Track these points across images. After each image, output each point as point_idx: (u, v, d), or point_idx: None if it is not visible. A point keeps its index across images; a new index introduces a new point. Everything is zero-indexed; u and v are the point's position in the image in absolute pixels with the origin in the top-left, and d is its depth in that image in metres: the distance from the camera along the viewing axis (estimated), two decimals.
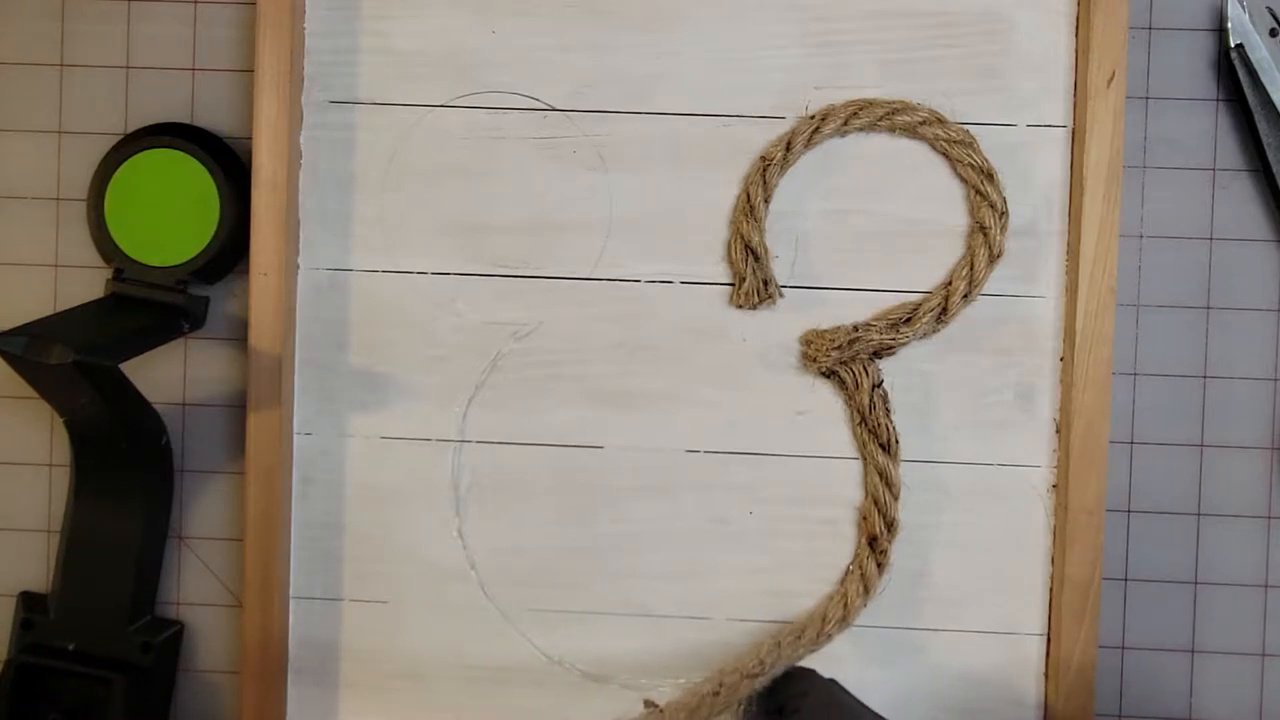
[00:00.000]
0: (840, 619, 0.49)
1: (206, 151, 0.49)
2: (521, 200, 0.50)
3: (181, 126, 0.51)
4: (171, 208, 0.50)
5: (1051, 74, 0.49)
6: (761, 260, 0.49)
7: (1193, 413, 0.50)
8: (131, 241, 0.49)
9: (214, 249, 0.49)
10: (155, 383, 0.50)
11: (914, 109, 0.49)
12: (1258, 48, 0.49)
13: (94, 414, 0.47)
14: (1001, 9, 0.50)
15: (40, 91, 0.52)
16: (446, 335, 0.50)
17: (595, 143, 0.50)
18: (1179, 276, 0.50)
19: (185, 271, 0.49)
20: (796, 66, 0.50)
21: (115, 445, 0.48)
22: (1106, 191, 0.48)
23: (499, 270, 0.50)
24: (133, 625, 0.49)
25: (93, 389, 0.46)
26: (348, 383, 0.50)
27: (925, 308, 0.49)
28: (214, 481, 0.51)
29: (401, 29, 0.50)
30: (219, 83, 0.51)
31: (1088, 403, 0.48)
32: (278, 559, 0.49)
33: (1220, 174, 0.50)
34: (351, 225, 0.50)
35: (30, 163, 0.52)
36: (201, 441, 0.51)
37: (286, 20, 0.49)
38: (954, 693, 0.49)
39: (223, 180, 0.49)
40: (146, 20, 0.52)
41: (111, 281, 0.50)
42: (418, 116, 0.50)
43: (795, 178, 0.50)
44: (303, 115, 0.50)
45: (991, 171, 0.49)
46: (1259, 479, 0.50)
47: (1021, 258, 0.50)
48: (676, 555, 0.50)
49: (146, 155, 0.50)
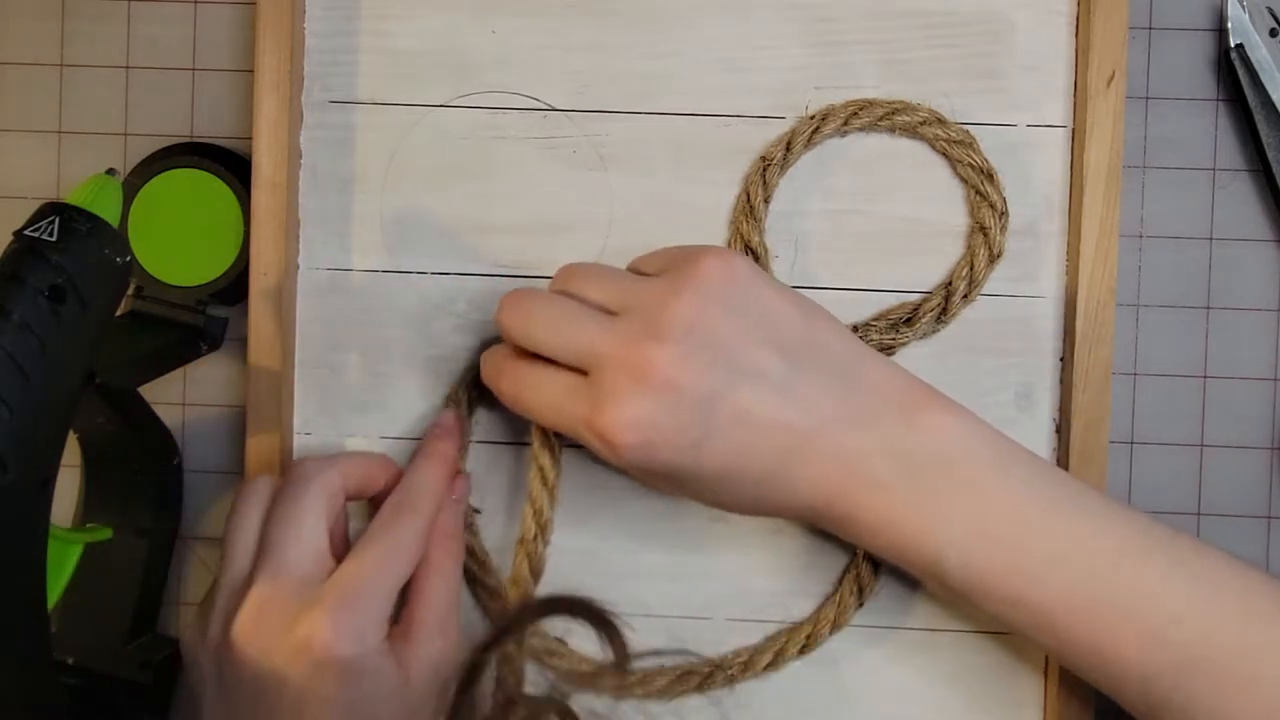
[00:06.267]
0: (833, 620, 0.49)
1: (234, 174, 0.49)
2: (521, 200, 0.50)
3: (210, 147, 0.51)
4: (195, 228, 0.49)
5: (1051, 74, 0.49)
6: (761, 260, 0.49)
7: (1193, 413, 0.50)
8: (153, 260, 0.49)
9: (236, 271, 0.49)
10: (155, 382, 0.50)
11: (914, 109, 0.49)
12: (1258, 48, 0.49)
13: (108, 433, 0.47)
14: (1001, 9, 0.50)
15: (40, 91, 0.52)
16: (446, 335, 0.50)
17: (595, 143, 0.50)
18: (1179, 276, 0.51)
19: (206, 293, 0.49)
20: (796, 66, 0.50)
21: (127, 465, 0.49)
22: (1106, 191, 0.48)
23: (499, 270, 0.50)
24: (133, 642, 0.49)
25: (110, 410, 0.46)
26: (348, 383, 0.50)
27: (925, 308, 0.49)
28: (214, 481, 0.51)
29: (401, 29, 0.50)
30: (219, 83, 0.52)
31: (1088, 403, 0.48)
32: None
33: (1220, 174, 0.50)
34: (351, 225, 0.50)
35: (30, 163, 0.52)
36: (201, 441, 0.51)
37: (286, 20, 0.49)
38: (954, 693, 0.49)
39: (248, 204, 0.49)
40: (146, 20, 0.52)
41: (131, 299, 0.49)
42: (418, 116, 0.50)
43: (795, 178, 0.50)
44: (303, 115, 0.50)
45: (991, 171, 0.49)
46: (1259, 479, 0.50)
47: (1021, 258, 0.50)
48: (676, 555, 0.50)
49: (173, 174, 0.49)
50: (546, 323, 0.43)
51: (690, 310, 0.41)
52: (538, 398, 0.43)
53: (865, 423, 0.42)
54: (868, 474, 0.41)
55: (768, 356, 0.41)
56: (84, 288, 0.39)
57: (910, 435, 0.42)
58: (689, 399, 0.41)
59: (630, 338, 0.41)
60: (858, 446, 0.41)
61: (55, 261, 0.39)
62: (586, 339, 0.42)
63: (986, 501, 0.41)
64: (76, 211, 0.40)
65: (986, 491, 0.41)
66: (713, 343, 0.41)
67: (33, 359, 0.38)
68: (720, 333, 0.41)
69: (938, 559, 0.42)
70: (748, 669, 0.49)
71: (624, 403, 0.40)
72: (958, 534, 0.41)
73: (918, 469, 0.41)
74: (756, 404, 0.41)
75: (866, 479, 0.41)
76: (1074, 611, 0.41)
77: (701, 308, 0.41)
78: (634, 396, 0.40)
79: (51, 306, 0.38)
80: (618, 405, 0.40)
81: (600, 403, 0.41)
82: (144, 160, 0.50)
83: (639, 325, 0.41)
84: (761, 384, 0.41)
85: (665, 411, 0.40)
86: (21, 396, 0.38)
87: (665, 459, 0.41)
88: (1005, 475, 0.42)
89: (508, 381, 0.45)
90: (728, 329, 0.41)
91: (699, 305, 0.41)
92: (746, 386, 0.41)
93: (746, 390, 0.41)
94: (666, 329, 0.41)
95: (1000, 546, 0.41)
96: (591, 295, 0.43)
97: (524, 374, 0.44)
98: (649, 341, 0.41)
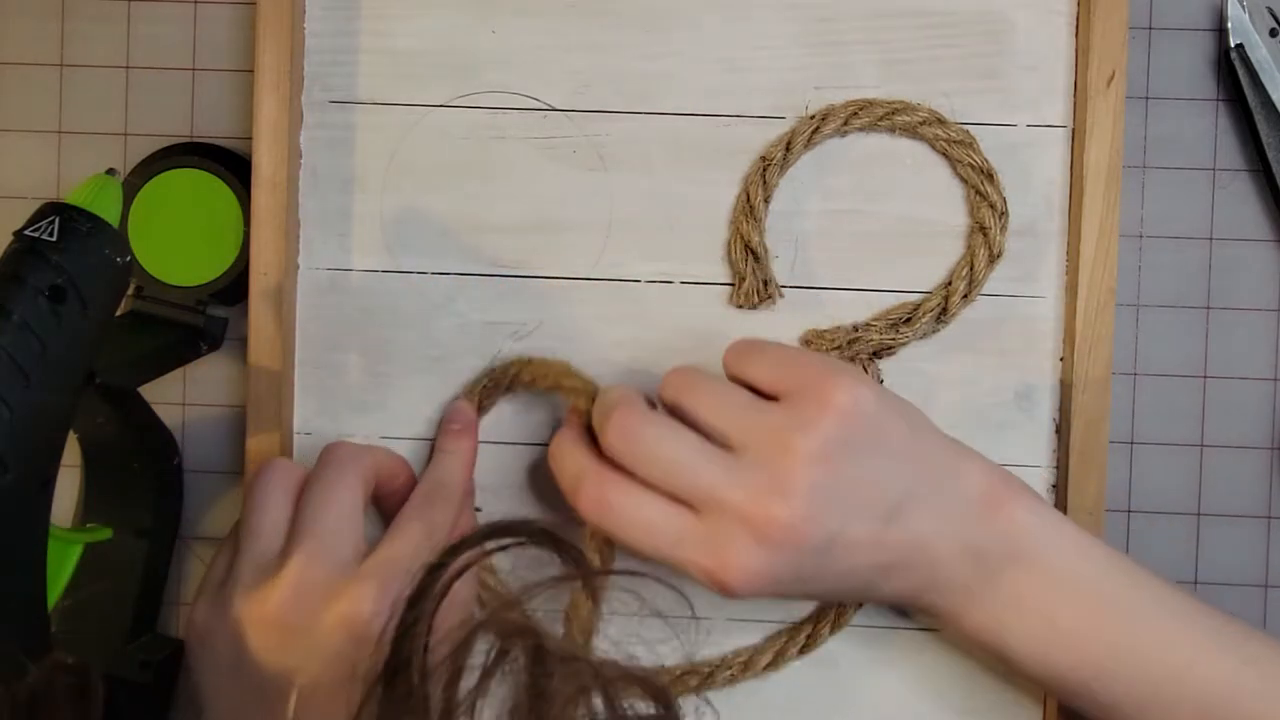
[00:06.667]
0: (833, 620, 0.49)
1: (234, 174, 0.49)
2: (521, 200, 0.50)
3: (210, 147, 0.51)
4: (195, 228, 0.49)
5: (1051, 74, 0.49)
6: (761, 260, 0.49)
7: (1193, 413, 0.50)
8: (153, 260, 0.49)
9: (236, 271, 0.49)
10: (155, 382, 0.50)
11: (914, 109, 0.49)
12: (1258, 48, 0.49)
13: (109, 433, 0.47)
14: (1001, 9, 0.50)
15: (40, 91, 0.52)
16: (446, 335, 0.50)
17: (595, 143, 0.50)
18: (1179, 276, 0.51)
19: (206, 293, 0.49)
20: (796, 66, 0.50)
21: (127, 465, 0.49)
22: (1106, 191, 0.48)
23: (499, 270, 0.50)
24: (133, 643, 0.49)
25: (110, 409, 0.46)
26: (348, 383, 0.50)
27: (925, 308, 0.49)
28: (214, 481, 0.51)
29: (401, 29, 0.50)
30: (219, 83, 0.51)
31: (1088, 403, 0.48)
32: None
33: (1220, 174, 0.50)
34: (351, 225, 0.50)
35: (30, 163, 0.52)
36: (201, 441, 0.51)
37: (286, 20, 0.49)
38: (954, 693, 0.49)
39: (248, 204, 0.49)
40: (146, 20, 0.52)
41: (131, 299, 0.49)
42: (418, 116, 0.50)
43: (795, 178, 0.50)
44: (303, 115, 0.50)
45: (991, 171, 0.49)
46: (1259, 479, 0.50)
47: (1021, 258, 0.50)
48: None
49: (173, 174, 0.49)
50: (662, 461, 0.42)
51: (816, 459, 0.41)
52: (634, 526, 0.42)
53: (951, 529, 0.42)
54: (946, 576, 0.43)
55: (884, 493, 0.42)
56: (84, 288, 0.39)
57: (988, 535, 0.42)
58: (809, 550, 0.41)
59: (753, 490, 0.41)
60: (942, 552, 0.42)
61: (55, 261, 0.39)
62: (706, 483, 0.41)
63: (1059, 597, 0.42)
64: (76, 211, 0.40)
65: (1059, 586, 0.42)
66: (837, 491, 0.41)
67: (33, 359, 0.38)
68: (845, 480, 0.41)
69: (1006, 650, 0.43)
70: (748, 669, 0.49)
71: (746, 557, 0.40)
72: (1029, 628, 0.42)
73: (992, 568, 0.42)
74: (866, 537, 0.42)
75: (944, 580, 0.43)
76: (1143, 709, 0.42)
77: (828, 461, 0.41)
78: (757, 552, 0.41)
79: (52, 306, 0.38)
80: (739, 559, 0.40)
81: (720, 554, 0.41)
82: (144, 160, 0.50)
83: (763, 477, 0.41)
84: (873, 518, 0.42)
85: (786, 565, 0.41)
86: (21, 396, 0.38)
87: (778, 592, 0.42)
88: (1079, 570, 0.43)
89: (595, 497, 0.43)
90: (853, 474, 0.41)
91: (825, 457, 0.41)
92: (859, 523, 0.42)
93: (858, 526, 0.42)
94: (791, 485, 0.41)
95: (1072, 640, 0.42)
96: (706, 419, 0.43)
97: (622, 497, 0.42)
98: (773, 497, 0.40)
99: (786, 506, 0.40)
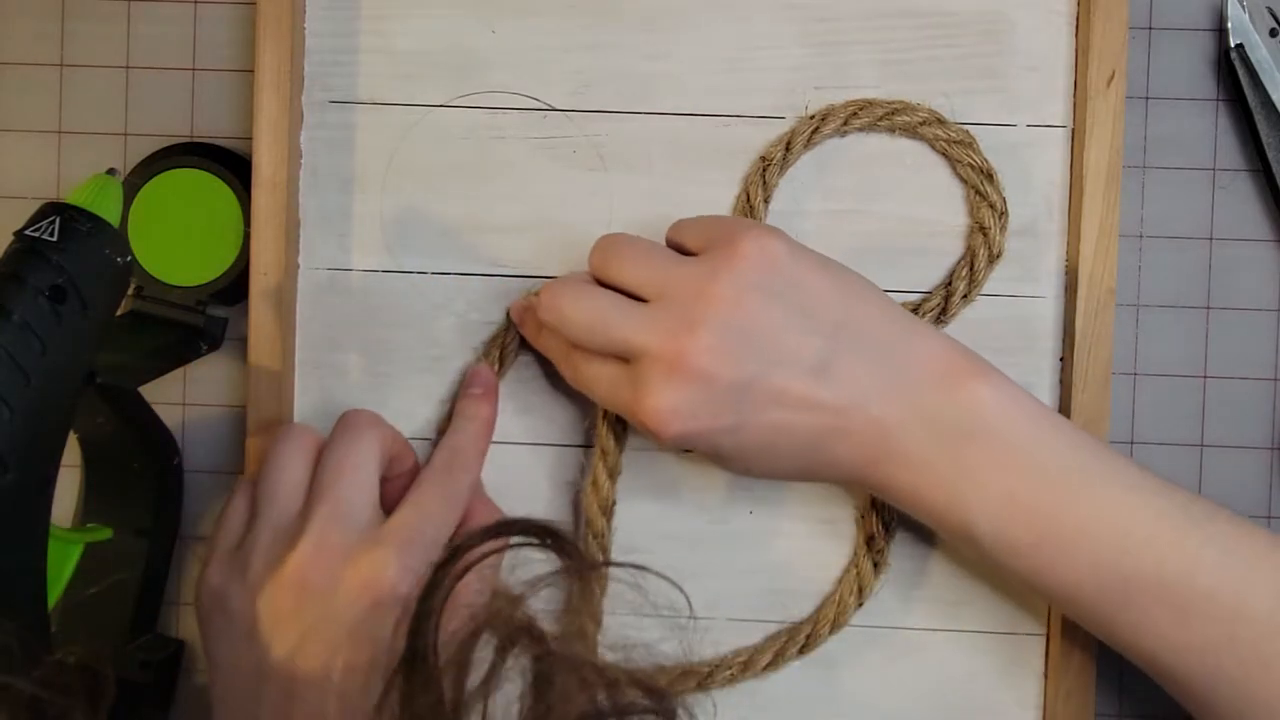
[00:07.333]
0: (833, 620, 0.49)
1: (234, 174, 0.49)
2: (521, 200, 0.50)
3: (210, 147, 0.51)
4: (195, 228, 0.49)
5: (1051, 74, 0.49)
6: None
7: (1193, 413, 0.50)
8: (153, 260, 0.49)
9: (237, 271, 0.49)
10: (155, 382, 0.50)
11: (914, 109, 0.49)
12: (1258, 48, 0.49)
13: (109, 433, 0.47)
14: (1001, 9, 0.50)
15: (40, 91, 0.52)
16: (446, 335, 0.50)
17: (595, 143, 0.50)
18: (1179, 276, 0.51)
19: (206, 293, 0.49)
20: (796, 66, 0.50)
21: (127, 465, 0.49)
22: (1106, 191, 0.48)
23: (499, 270, 0.50)
24: (133, 642, 0.49)
25: (110, 409, 0.46)
26: (348, 383, 0.50)
27: (925, 308, 0.49)
28: (214, 481, 0.51)
29: (401, 29, 0.50)
30: (219, 83, 0.52)
31: (1088, 403, 0.48)
32: None
33: (1220, 174, 0.50)
34: (351, 225, 0.50)
35: (30, 163, 0.52)
36: (201, 441, 0.51)
37: (286, 20, 0.49)
38: (954, 693, 0.49)
39: (248, 204, 0.49)
40: (146, 20, 0.52)
41: (131, 299, 0.49)
42: (417, 116, 0.50)
43: (795, 178, 0.50)
44: (303, 115, 0.50)
45: (991, 171, 0.49)
46: (1259, 479, 0.50)
47: (1021, 258, 0.50)
48: (676, 555, 0.50)
49: (173, 174, 0.49)
50: (583, 321, 0.44)
51: (725, 299, 0.42)
52: (591, 382, 0.45)
53: (899, 396, 0.42)
54: (900, 446, 0.42)
55: (804, 341, 0.42)
56: (84, 288, 0.39)
57: (945, 407, 0.42)
58: (723, 386, 0.42)
59: (666, 329, 0.42)
60: (891, 419, 0.42)
61: (56, 261, 0.39)
62: (622, 335, 0.43)
63: (1019, 472, 0.42)
64: (77, 211, 0.40)
65: (1020, 462, 0.42)
66: (748, 331, 0.42)
67: (33, 359, 0.38)
68: (756, 321, 0.42)
69: (968, 527, 0.42)
70: (748, 669, 0.49)
71: (661, 392, 0.42)
72: (989, 504, 0.42)
73: (950, 440, 0.42)
74: (791, 387, 0.42)
75: (898, 451, 0.42)
76: (1103, 585, 0.41)
77: (737, 297, 0.42)
78: (670, 386, 0.42)
79: (52, 306, 0.38)
80: (656, 395, 0.42)
81: (640, 392, 0.43)
82: (144, 160, 0.50)
83: (675, 316, 0.42)
84: (796, 367, 0.42)
85: (701, 399, 0.42)
86: (21, 396, 0.38)
87: (705, 441, 0.43)
88: (1040, 446, 0.42)
89: (568, 368, 0.46)
90: (763, 317, 0.42)
91: (734, 294, 0.42)
92: (781, 371, 0.42)
93: (781, 374, 0.42)
94: (700, 320, 0.42)
95: (1032, 517, 0.41)
96: (628, 278, 0.44)
97: (578, 361, 0.45)
98: (683, 333, 0.42)
99: (693, 338, 0.42)
